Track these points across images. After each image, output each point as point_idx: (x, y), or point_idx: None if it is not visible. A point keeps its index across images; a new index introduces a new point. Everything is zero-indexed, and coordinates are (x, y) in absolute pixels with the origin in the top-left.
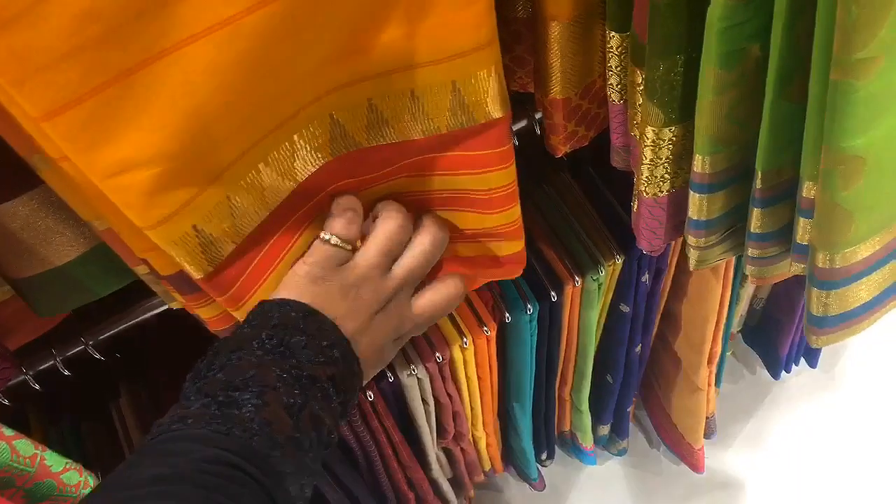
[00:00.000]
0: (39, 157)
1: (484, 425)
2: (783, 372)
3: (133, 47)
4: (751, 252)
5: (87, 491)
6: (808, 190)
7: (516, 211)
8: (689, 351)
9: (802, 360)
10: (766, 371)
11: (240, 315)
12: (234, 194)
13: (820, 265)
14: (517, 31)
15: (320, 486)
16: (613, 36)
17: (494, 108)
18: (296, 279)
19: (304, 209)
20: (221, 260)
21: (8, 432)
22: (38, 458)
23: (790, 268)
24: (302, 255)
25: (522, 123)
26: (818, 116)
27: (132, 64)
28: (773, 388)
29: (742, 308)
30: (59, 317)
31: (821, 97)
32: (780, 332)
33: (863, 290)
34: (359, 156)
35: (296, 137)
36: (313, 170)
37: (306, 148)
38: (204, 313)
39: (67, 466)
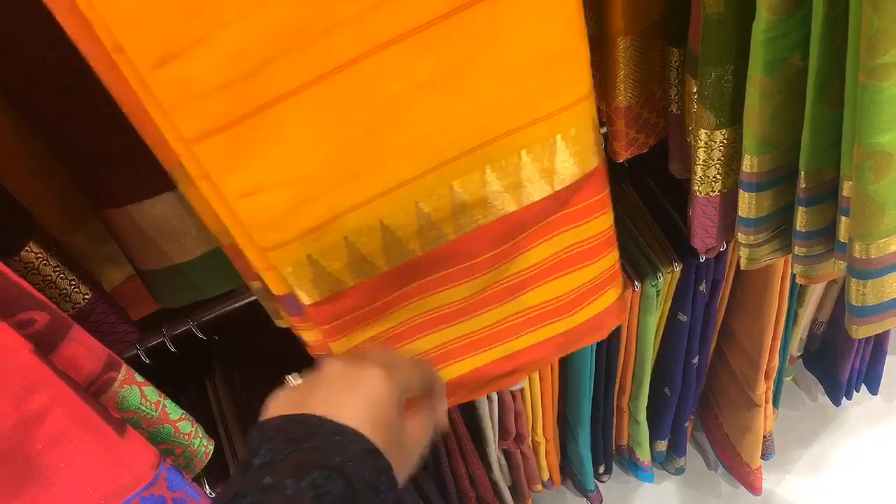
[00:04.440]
0: (180, 170)
1: (544, 429)
2: (844, 398)
3: (274, 83)
4: (797, 250)
5: (196, 441)
6: (847, 189)
7: (615, 255)
8: (747, 366)
9: (864, 387)
10: (826, 397)
11: (335, 347)
12: (353, 238)
13: (856, 255)
14: None
15: None
16: (672, 51)
17: (595, 157)
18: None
19: (425, 279)
20: (330, 294)
21: (139, 378)
22: (161, 405)
23: (834, 266)
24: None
25: None
26: (853, 118)
27: (273, 97)
28: (835, 415)
29: (801, 331)
30: None
31: (854, 100)
32: (839, 358)
33: None
34: (480, 233)
35: (421, 203)
36: (436, 245)
37: (429, 217)
38: (307, 336)
39: (182, 416)
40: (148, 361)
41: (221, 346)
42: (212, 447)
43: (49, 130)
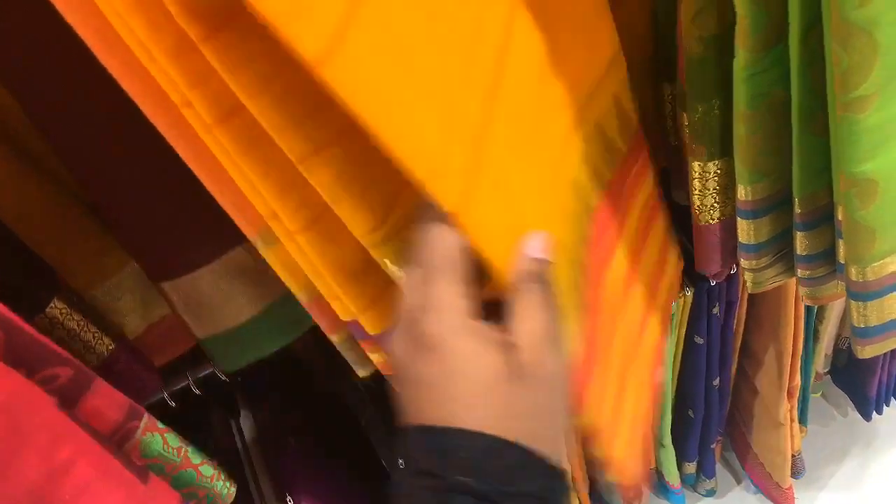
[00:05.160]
0: (265, 235)
1: (573, 470)
2: (874, 413)
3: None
4: (801, 273)
5: (219, 484)
6: (840, 213)
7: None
8: (769, 385)
9: (893, 401)
10: (857, 413)
11: None
12: None
13: (853, 279)
14: None
15: None
16: (664, 86)
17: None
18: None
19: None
20: None
21: (161, 426)
22: (183, 451)
23: (838, 287)
24: None
25: None
26: (836, 148)
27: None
28: (865, 430)
29: (825, 347)
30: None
31: (834, 131)
32: (866, 373)
33: None
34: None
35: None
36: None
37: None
38: None
39: (204, 460)
40: (173, 404)
41: (245, 386)
42: (234, 489)
43: (101, 204)
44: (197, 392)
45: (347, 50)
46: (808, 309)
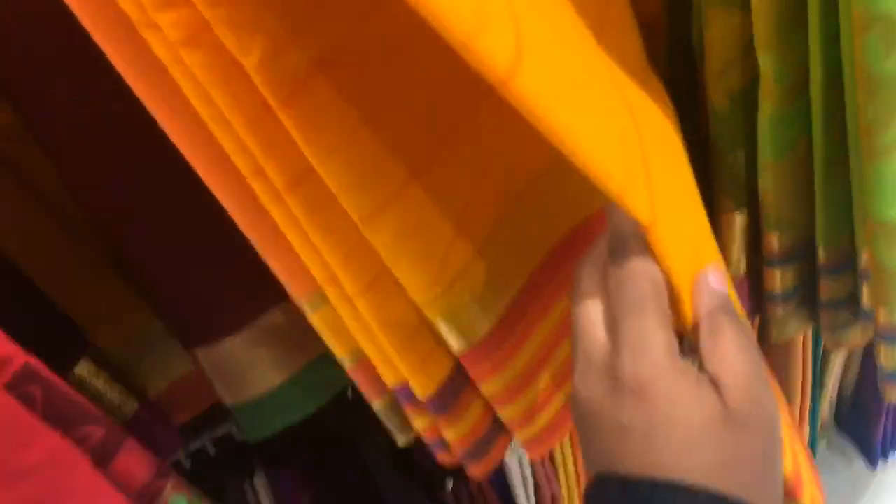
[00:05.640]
0: (315, 299)
1: None
2: (880, 460)
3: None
4: (824, 319)
5: None
6: (865, 259)
7: None
8: None
9: None
10: (862, 461)
11: (494, 384)
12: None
13: (882, 321)
14: None
15: None
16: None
17: None
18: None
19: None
20: (490, 325)
21: (186, 484)
22: None
23: (862, 332)
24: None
25: None
26: (861, 195)
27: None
28: (872, 478)
29: (830, 394)
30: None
31: (860, 178)
32: (870, 420)
33: None
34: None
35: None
36: None
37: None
38: (452, 433)
39: None
40: (190, 466)
41: (261, 446)
42: None
43: (135, 266)
44: (213, 453)
45: (528, 60)
46: (814, 357)
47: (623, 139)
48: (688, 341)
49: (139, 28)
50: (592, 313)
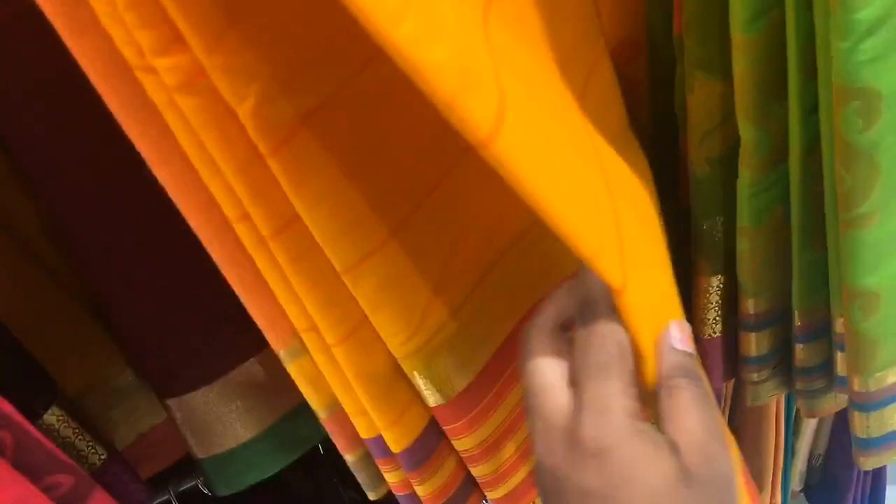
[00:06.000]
0: (293, 348)
1: None
2: None
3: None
4: (798, 385)
5: None
6: (839, 326)
7: None
8: None
9: None
10: None
11: (468, 442)
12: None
13: (856, 389)
14: None
15: None
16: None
17: None
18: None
19: None
20: (469, 379)
21: None
22: None
23: (836, 400)
24: None
25: None
26: (837, 263)
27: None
28: None
29: (800, 463)
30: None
31: (837, 246)
32: (840, 490)
33: None
34: None
35: None
36: None
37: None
38: (424, 489)
39: None
40: None
41: (227, 501)
42: None
43: (111, 314)
44: None
45: (509, 124)
46: (787, 424)
47: (597, 204)
48: (652, 403)
49: (136, 71)
50: (549, 375)
